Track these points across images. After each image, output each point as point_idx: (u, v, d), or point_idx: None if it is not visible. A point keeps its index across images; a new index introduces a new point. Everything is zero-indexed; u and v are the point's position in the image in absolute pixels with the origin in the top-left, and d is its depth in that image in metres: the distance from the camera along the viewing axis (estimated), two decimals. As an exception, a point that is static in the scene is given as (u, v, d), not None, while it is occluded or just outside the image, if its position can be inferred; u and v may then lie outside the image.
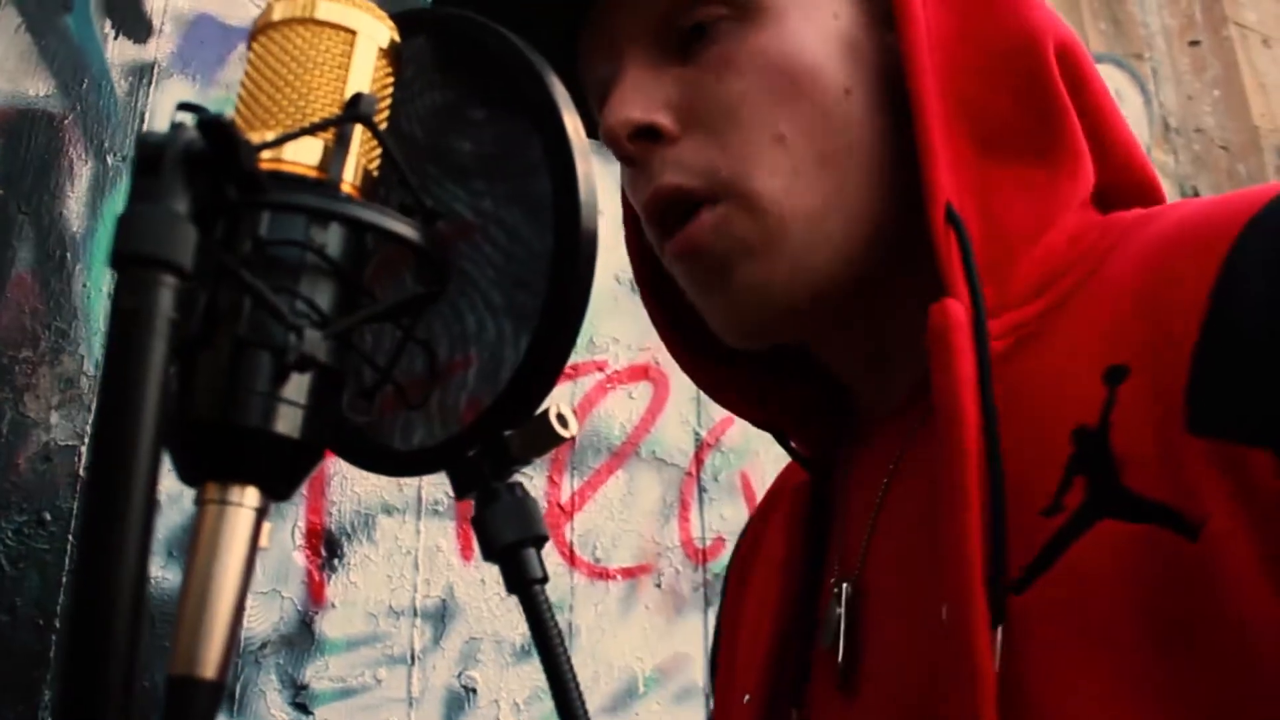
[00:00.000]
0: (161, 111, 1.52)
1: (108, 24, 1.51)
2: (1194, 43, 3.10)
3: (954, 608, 0.50)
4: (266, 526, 0.45)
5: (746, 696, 0.69)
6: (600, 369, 1.78)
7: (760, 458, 1.92)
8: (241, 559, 0.43)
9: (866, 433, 0.71)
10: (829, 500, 0.73)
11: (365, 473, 1.54)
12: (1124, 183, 0.66)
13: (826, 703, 0.65)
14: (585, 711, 0.47)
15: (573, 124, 0.50)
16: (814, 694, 0.66)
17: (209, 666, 0.41)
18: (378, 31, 0.52)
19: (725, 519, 1.85)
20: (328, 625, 1.45)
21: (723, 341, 0.68)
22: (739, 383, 0.76)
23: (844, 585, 0.64)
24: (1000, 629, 0.50)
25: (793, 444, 0.76)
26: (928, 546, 0.55)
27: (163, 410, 0.37)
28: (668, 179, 0.62)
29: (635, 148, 0.63)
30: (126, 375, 0.37)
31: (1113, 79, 2.88)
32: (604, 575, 1.70)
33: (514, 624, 1.59)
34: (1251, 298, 0.48)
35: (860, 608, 0.63)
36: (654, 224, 0.65)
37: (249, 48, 0.52)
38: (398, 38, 0.53)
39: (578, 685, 0.48)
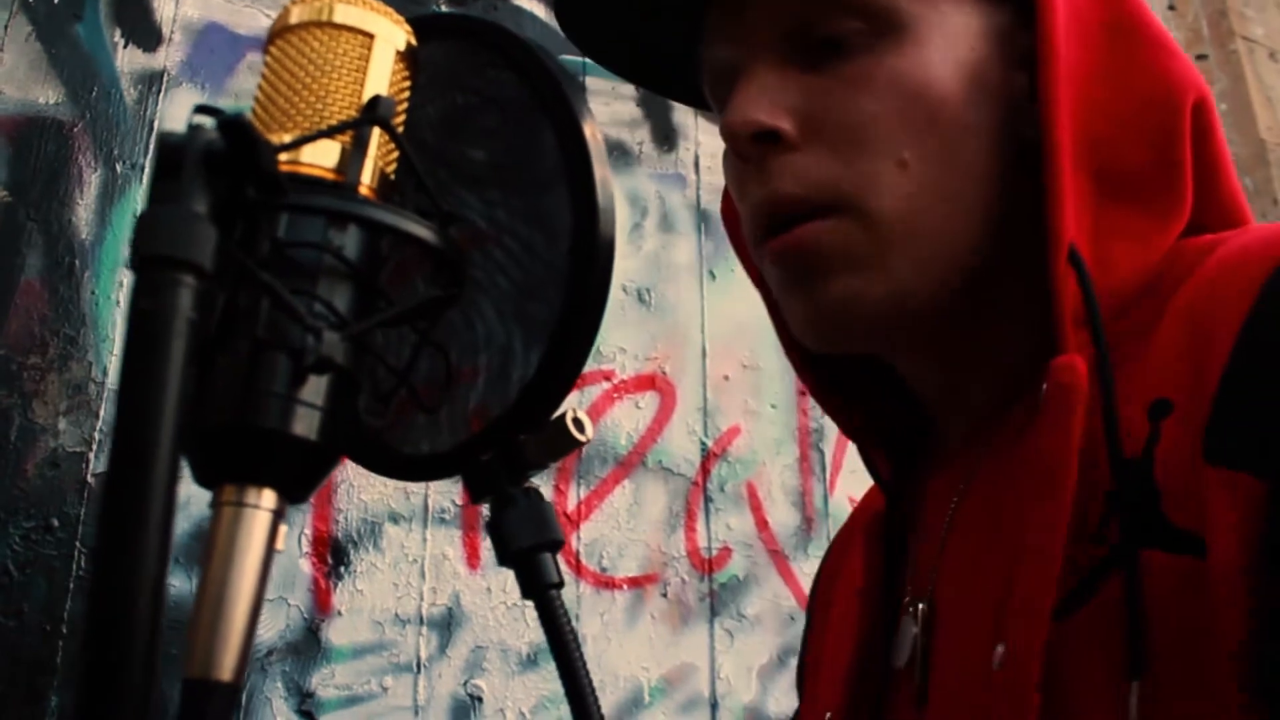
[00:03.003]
0: (171, 120, 1.52)
1: (117, 32, 1.52)
2: (1201, 56, 3.10)
3: (1012, 654, 0.52)
4: (282, 529, 0.45)
5: (828, 715, 0.70)
6: (607, 378, 1.77)
7: (766, 467, 1.92)
8: (258, 561, 0.43)
9: (940, 459, 0.72)
10: (904, 524, 0.73)
11: (372, 481, 1.53)
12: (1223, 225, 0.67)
13: (904, 718, 0.66)
14: (601, 716, 0.47)
15: (590, 130, 0.50)
16: (893, 712, 0.68)
17: (226, 669, 0.41)
18: (395, 35, 0.52)
19: (731, 529, 1.84)
20: (334, 633, 1.44)
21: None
22: (833, 390, 0.77)
23: (919, 605, 0.65)
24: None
25: (876, 466, 0.77)
26: (996, 576, 0.57)
27: (182, 412, 0.37)
28: (786, 187, 0.62)
29: (754, 149, 0.63)
30: (146, 376, 0.37)
31: (1119, 91, 2.87)
32: (610, 585, 1.69)
33: (520, 633, 1.59)
34: (1269, 335, 0.50)
35: (934, 626, 0.65)
36: (760, 224, 0.65)
37: (266, 51, 0.52)
38: (415, 41, 0.53)
39: (593, 690, 0.48)
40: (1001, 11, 0.65)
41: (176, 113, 1.53)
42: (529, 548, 0.50)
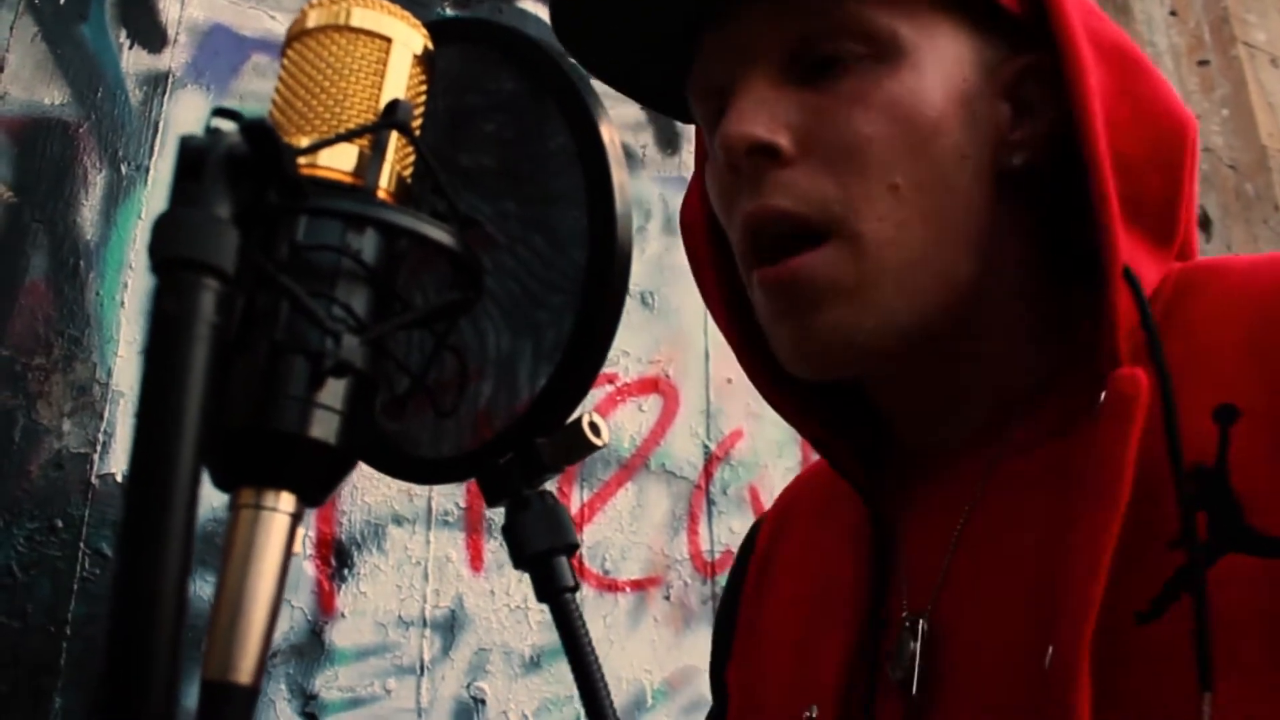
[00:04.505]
0: (175, 121, 1.52)
1: (123, 34, 1.52)
2: (1203, 62, 3.10)
3: (1060, 653, 0.53)
4: (299, 532, 0.45)
5: (813, 709, 0.69)
6: (611, 381, 1.77)
7: (769, 471, 1.92)
8: (276, 564, 0.42)
9: (926, 470, 0.72)
10: (889, 531, 0.73)
11: (376, 483, 1.53)
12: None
13: None
14: (616, 719, 0.47)
15: (609, 135, 0.50)
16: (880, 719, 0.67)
17: (244, 672, 0.40)
18: (412, 39, 0.52)
19: (734, 532, 1.85)
20: (337, 635, 1.44)
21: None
22: (795, 401, 0.76)
23: (920, 621, 0.65)
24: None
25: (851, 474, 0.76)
26: (1026, 592, 0.59)
27: (204, 416, 0.37)
28: (779, 202, 0.63)
29: (749, 163, 0.63)
30: (168, 380, 0.37)
31: (1121, 96, 2.88)
32: (613, 587, 1.69)
33: (523, 635, 1.59)
34: None
35: (937, 645, 0.64)
36: (747, 241, 0.66)
37: (283, 54, 0.52)
38: (431, 45, 0.53)
39: (609, 694, 0.48)
40: (990, 43, 0.66)
41: (182, 114, 1.53)
42: (545, 551, 0.50)
